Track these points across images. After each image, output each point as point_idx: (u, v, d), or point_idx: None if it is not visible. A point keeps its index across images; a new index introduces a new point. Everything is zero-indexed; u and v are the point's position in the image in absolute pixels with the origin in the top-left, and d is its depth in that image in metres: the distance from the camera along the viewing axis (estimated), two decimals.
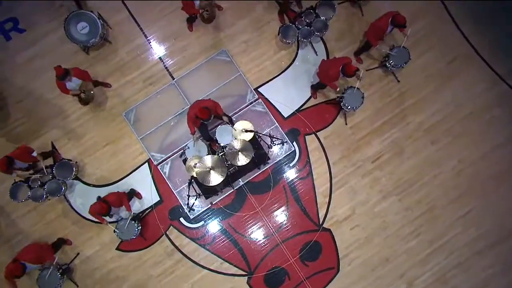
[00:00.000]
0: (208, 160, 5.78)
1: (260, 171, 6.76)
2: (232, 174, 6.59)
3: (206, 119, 5.60)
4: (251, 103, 6.88)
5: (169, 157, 6.76)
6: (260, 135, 6.53)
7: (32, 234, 6.63)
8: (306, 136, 6.90)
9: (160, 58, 6.98)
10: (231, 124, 6.25)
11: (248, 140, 5.96)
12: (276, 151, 6.85)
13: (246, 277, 6.72)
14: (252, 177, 6.75)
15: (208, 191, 6.58)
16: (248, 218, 6.77)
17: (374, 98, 6.96)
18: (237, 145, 5.82)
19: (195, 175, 5.85)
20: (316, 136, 6.91)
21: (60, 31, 6.58)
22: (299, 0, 6.63)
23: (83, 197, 6.72)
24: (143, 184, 6.77)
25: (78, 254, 6.66)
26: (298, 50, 7.04)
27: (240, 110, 6.85)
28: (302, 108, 6.96)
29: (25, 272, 5.56)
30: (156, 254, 6.71)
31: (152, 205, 6.76)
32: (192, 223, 6.74)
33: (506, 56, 7.09)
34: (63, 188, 6.38)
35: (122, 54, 6.91)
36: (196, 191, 6.58)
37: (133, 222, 6.19)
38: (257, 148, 6.53)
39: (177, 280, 6.68)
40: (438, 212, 6.90)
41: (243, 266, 6.73)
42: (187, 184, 6.53)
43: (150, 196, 6.77)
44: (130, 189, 6.66)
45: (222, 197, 6.73)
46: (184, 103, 6.82)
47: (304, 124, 6.91)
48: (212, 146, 6.49)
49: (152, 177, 6.77)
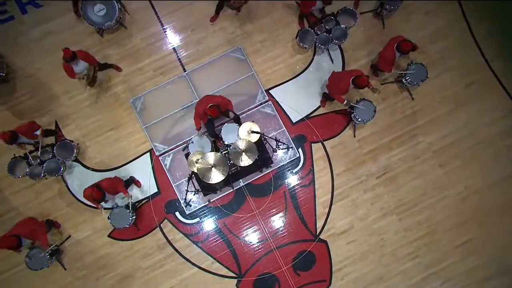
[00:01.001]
0: (211, 157, 5.69)
1: (262, 174, 6.66)
2: (233, 174, 6.49)
3: (215, 117, 5.53)
4: (261, 104, 6.78)
5: (171, 149, 6.68)
6: (266, 137, 6.44)
7: (25, 211, 6.57)
8: (313, 144, 6.79)
9: (174, 49, 6.88)
10: (238, 123, 6.15)
11: (253, 141, 5.87)
12: (281, 155, 6.75)
13: (236, 279, 6.62)
14: (253, 179, 6.66)
15: (207, 188, 6.49)
16: (245, 220, 6.67)
17: (386, 113, 6.83)
18: (241, 145, 5.72)
19: (196, 171, 5.76)
20: (323, 145, 6.80)
21: None
22: (322, 8, 6.51)
23: (81, 179, 6.64)
24: (142, 173, 6.69)
25: (69, 237, 6.60)
26: (314, 56, 6.93)
27: (249, 110, 6.75)
28: (312, 115, 6.85)
29: (21, 245, 5.56)
30: (147, 246, 6.63)
31: (149, 196, 6.67)
32: (187, 219, 6.65)
33: None
34: (62, 169, 6.32)
35: (136, 40, 6.82)
36: (195, 187, 6.51)
37: (128, 210, 6.10)
38: (261, 151, 6.44)
39: (165, 274, 6.61)
40: (438, 237, 6.75)
41: (234, 268, 6.63)
42: (186, 178, 6.44)
43: (148, 186, 6.69)
44: (130, 176, 6.58)
45: (221, 196, 6.63)
46: (193, 97, 6.73)
47: (312, 132, 6.80)
48: (217, 143, 6.41)
49: (153, 167, 6.69)
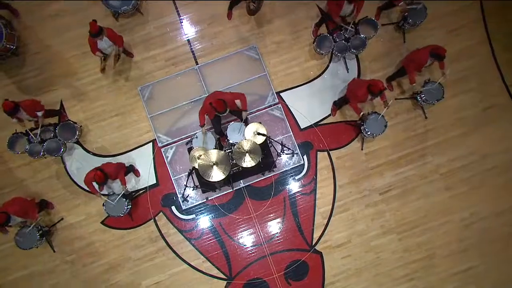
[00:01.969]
0: (214, 154, 5.57)
1: (264, 177, 6.55)
2: (234, 174, 6.38)
3: (220, 112, 5.43)
4: (270, 106, 6.67)
5: (175, 142, 6.59)
6: (272, 141, 6.33)
7: (20, 188, 6.49)
8: (318, 152, 6.65)
9: (188, 40, 6.77)
10: (245, 123, 6.06)
11: (258, 143, 5.75)
12: (285, 160, 6.63)
13: (226, 281, 6.49)
14: (254, 181, 6.54)
15: (206, 186, 6.39)
16: (241, 222, 6.55)
17: (397, 129, 6.68)
18: (246, 145, 5.61)
19: (197, 167, 5.66)
20: (329, 154, 6.66)
21: None
22: (344, 17, 6.35)
23: (80, 162, 6.56)
24: (143, 163, 6.60)
25: (61, 219, 6.51)
26: (329, 63, 6.80)
27: (258, 111, 6.64)
28: (321, 122, 6.72)
29: (8, 221, 5.43)
30: (139, 237, 6.53)
31: (147, 186, 6.57)
32: (183, 214, 6.55)
33: None
34: (62, 149, 6.23)
35: (151, 28, 6.72)
36: (194, 183, 6.41)
37: (124, 199, 6.01)
38: (265, 153, 6.32)
39: (154, 268, 6.50)
40: (437, 261, 6.58)
41: (225, 270, 6.51)
42: (187, 173, 6.35)
43: (147, 177, 6.59)
44: (129, 164, 6.49)
45: (219, 194, 6.53)
46: (202, 91, 6.63)
47: (319, 140, 6.67)
48: (221, 141, 6.32)
49: (154, 158, 6.59)
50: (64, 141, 6.24)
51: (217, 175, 5.51)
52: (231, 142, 5.96)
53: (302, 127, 6.68)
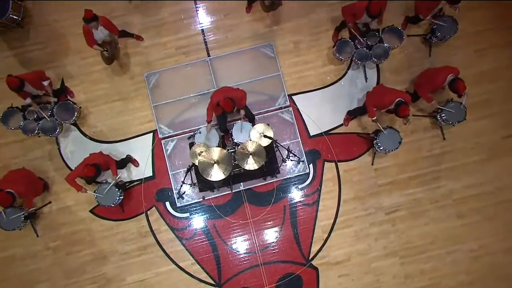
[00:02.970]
0: (216, 152, 5.35)
1: (265, 183, 6.28)
2: (235, 176, 6.11)
3: (228, 112, 5.24)
4: (281, 108, 6.41)
5: (177, 135, 6.35)
6: (278, 145, 6.06)
7: (10, 166, 6.20)
8: (326, 162, 6.38)
9: (202, 30, 6.53)
10: (252, 123, 5.86)
11: (264, 145, 5.52)
12: (289, 167, 6.37)
13: (213, 287, 6.19)
14: (254, 185, 6.28)
15: (204, 184, 6.14)
16: (236, 227, 6.28)
17: (412, 148, 6.37)
18: (250, 147, 5.39)
19: (197, 164, 5.44)
20: (336, 166, 6.37)
21: None
22: (368, 23, 6.04)
23: (75, 145, 6.32)
24: (140, 153, 6.35)
25: (49, 203, 6.24)
26: (348, 70, 6.53)
27: (267, 112, 6.39)
28: (332, 131, 6.44)
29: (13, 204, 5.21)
30: (129, 231, 6.26)
31: (142, 178, 6.32)
32: (177, 212, 6.29)
33: None
34: (58, 130, 5.98)
35: (165, 13, 6.47)
36: (192, 180, 6.15)
37: (116, 189, 5.75)
38: (270, 157, 6.07)
39: (141, 264, 6.22)
40: None
41: (214, 275, 6.21)
42: (185, 169, 6.08)
43: (144, 168, 6.34)
44: (127, 155, 6.26)
45: (217, 195, 6.27)
46: (211, 85, 6.38)
47: (328, 149, 6.39)
48: (225, 140, 6.11)
49: (152, 150, 6.35)
50: (61, 121, 6.00)
51: (217, 174, 5.30)
52: (235, 141, 5.75)
53: (311, 134, 6.42)
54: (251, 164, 5.36)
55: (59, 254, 6.19)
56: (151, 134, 6.37)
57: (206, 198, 6.26)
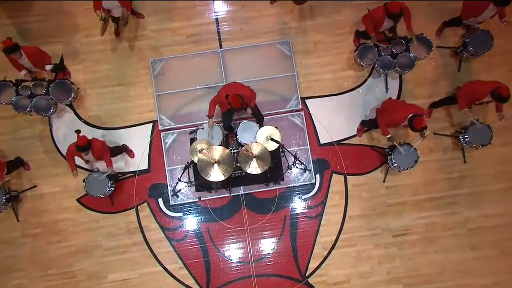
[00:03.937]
0: (217, 151, 5.11)
1: (267, 189, 5.96)
2: (236, 178, 5.77)
3: (236, 109, 4.98)
4: (292, 111, 6.11)
5: (178, 128, 6.06)
6: (285, 150, 5.76)
7: None
8: (334, 174, 6.04)
9: (216, 19, 6.25)
10: (260, 124, 5.57)
11: (269, 149, 5.25)
12: (294, 175, 6.05)
13: None
14: (255, 190, 5.97)
15: (202, 184, 5.81)
16: (231, 233, 5.95)
17: (428, 168, 5.99)
18: (255, 149, 5.13)
19: (196, 161, 5.19)
20: (345, 179, 6.03)
21: None
22: (394, 28, 5.69)
23: (68, 128, 6.00)
24: (137, 144, 6.05)
25: (34, 187, 5.91)
26: (368, 77, 6.20)
27: (276, 114, 6.09)
28: (344, 141, 6.11)
29: None
30: (116, 225, 5.93)
31: (136, 171, 6.01)
32: (169, 210, 5.99)
33: None
34: (52, 110, 5.64)
35: None
36: (189, 178, 5.89)
37: (107, 179, 5.43)
38: (275, 163, 5.74)
39: (125, 263, 5.87)
40: None
41: (202, 282, 5.85)
42: (183, 166, 5.82)
43: (139, 161, 6.03)
44: (123, 144, 5.96)
45: (214, 197, 5.95)
46: (220, 79, 6.11)
47: (338, 160, 6.06)
48: (229, 139, 5.84)
49: (150, 141, 6.06)
50: (56, 101, 5.67)
51: (216, 175, 5.08)
52: (239, 141, 5.49)
53: (321, 142, 6.11)
54: (254, 168, 5.12)
55: (38, 243, 5.86)
56: (151, 124, 6.09)
57: (202, 199, 5.97)
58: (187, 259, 5.88)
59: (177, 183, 5.84)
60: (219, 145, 5.37)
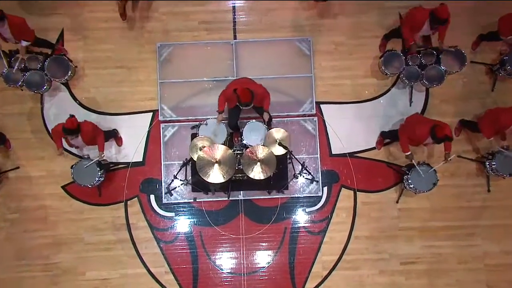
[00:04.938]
0: (219, 150, 4.84)
1: (269, 197, 5.64)
2: (236, 181, 5.45)
3: (244, 103, 4.67)
4: (304, 115, 5.81)
5: (179, 121, 5.78)
6: (293, 157, 5.41)
7: None
8: (343, 188, 5.71)
9: (233, 7, 5.97)
10: (268, 126, 5.25)
11: (276, 154, 4.96)
12: (300, 185, 5.74)
13: None
14: (256, 197, 5.66)
15: (199, 184, 5.52)
16: (225, 240, 5.61)
17: (447, 193, 5.62)
18: (260, 153, 4.87)
19: (195, 159, 4.93)
20: (355, 195, 5.68)
21: None
22: (428, 36, 5.33)
23: (60, 109, 5.67)
24: (133, 134, 5.74)
25: (17, 168, 5.55)
26: (392, 87, 5.86)
27: (287, 117, 5.78)
28: (358, 154, 5.76)
29: None
30: (101, 219, 5.60)
31: (130, 162, 5.68)
32: (161, 209, 5.67)
33: None
34: (45, 87, 5.32)
35: None
36: (186, 176, 5.61)
37: (97, 168, 5.09)
38: (280, 169, 5.43)
39: (106, 261, 5.53)
40: None
41: None
42: (181, 162, 5.57)
43: (134, 152, 5.70)
44: (113, 129, 5.65)
45: (211, 199, 5.63)
46: (230, 72, 5.82)
47: (349, 174, 5.72)
48: (233, 138, 5.57)
49: (148, 132, 5.74)
50: (51, 77, 5.34)
51: (216, 176, 4.81)
52: (244, 142, 5.20)
53: (333, 153, 5.80)
54: (257, 173, 4.87)
55: (15, 229, 5.50)
56: (151, 114, 5.79)
57: (197, 200, 5.67)
58: (174, 264, 5.57)
59: (172, 180, 5.58)
60: (222, 144, 5.07)
